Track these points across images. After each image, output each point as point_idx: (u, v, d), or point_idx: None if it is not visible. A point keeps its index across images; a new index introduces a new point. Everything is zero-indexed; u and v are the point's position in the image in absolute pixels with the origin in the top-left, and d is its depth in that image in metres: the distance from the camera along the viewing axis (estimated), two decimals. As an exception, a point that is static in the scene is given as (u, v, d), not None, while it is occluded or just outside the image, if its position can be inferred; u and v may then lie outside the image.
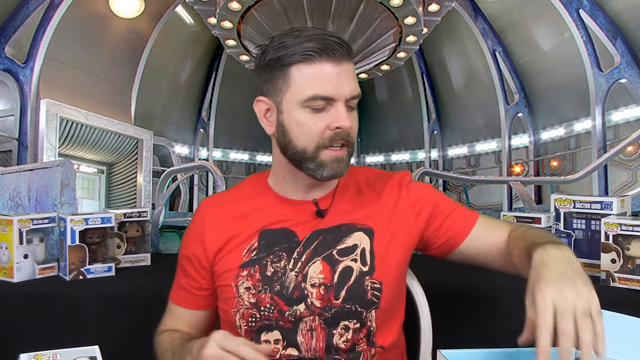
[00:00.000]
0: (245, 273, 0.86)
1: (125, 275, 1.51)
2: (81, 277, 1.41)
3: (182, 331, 0.92)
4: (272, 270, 0.85)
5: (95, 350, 0.66)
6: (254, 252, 0.87)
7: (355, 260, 0.86)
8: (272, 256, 0.86)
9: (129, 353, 1.05)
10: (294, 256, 0.86)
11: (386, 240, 0.89)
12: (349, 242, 0.87)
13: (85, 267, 1.42)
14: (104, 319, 1.25)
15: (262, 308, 0.84)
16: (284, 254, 0.86)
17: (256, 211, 0.91)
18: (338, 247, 0.86)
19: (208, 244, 0.90)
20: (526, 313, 0.63)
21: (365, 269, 0.86)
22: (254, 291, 0.85)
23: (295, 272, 0.85)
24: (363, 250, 0.87)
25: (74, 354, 0.65)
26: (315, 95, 0.81)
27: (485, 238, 0.91)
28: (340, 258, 0.86)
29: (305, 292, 0.84)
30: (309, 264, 0.85)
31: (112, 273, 1.47)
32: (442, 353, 0.56)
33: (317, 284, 0.84)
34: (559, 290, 0.61)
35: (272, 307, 0.84)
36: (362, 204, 0.92)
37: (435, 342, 0.96)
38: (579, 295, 0.61)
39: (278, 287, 0.84)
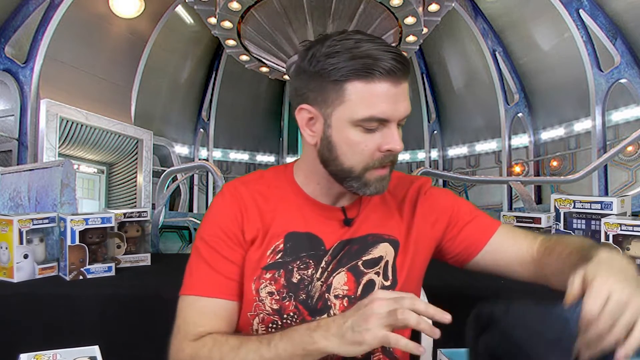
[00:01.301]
0: (268, 276, 0.82)
1: (125, 275, 1.51)
2: (81, 277, 1.41)
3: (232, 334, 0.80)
4: (299, 277, 0.82)
5: (95, 350, 0.66)
6: (279, 255, 0.83)
7: (378, 273, 0.84)
8: (298, 262, 0.83)
9: (129, 353, 1.05)
10: (321, 265, 0.83)
11: (408, 252, 0.87)
12: (375, 253, 0.85)
13: (85, 267, 1.41)
14: (104, 319, 1.25)
15: (285, 316, 0.81)
16: (311, 261, 0.83)
17: (283, 210, 0.86)
18: (364, 259, 0.84)
19: (246, 231, 0.83)
20: (570, 287, 0.62)
21: (387, 283, 0.84)
22: (277, 297, 0.81)
23: (321, 281, 0.83)
24: (386, 263, 0.85)
25: (74, 354, 0.65)
26: (372, 117, 0.75)
27: (504, 250, 0.88)
28: (365, 270, 0.84)
29: (329, 303, 0.82)
30: (334, 274, 0.83)
31: (112, 273, 1.47)
32: (443, 352, 0.56)
33: (340, 296, 0.82)
34: (621, 285, 0.58)
35: (296, 316, 0.81)
36: (387, 213, 0.89)
37: (436, 342, 0.96)
38: (636, 296, 0.58)
39: (303, 295, 0.82)
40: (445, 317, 0.64)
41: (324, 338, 0.67)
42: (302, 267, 0.83)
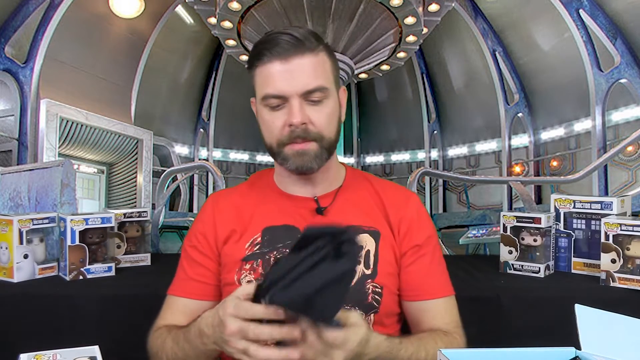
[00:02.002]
0: (248, 266, 0.87)
1: (125, 275, 1.51)
2: (81, 277, 1.41)
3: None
4: None
5: (95, 350, 0.66)
6: (257, 247, 0.88)
7: (359, 261, 0.86)
8: (275, 252, 0.87)
9: (129, 353, 1.05)
10: None
11: (391, 245, 0.88)
12: None
13: (85, 267, 1.41)
14: (104, 319, 1.25)
15: None
16: (287, 250, 0.87)
17: (260, 206, 0.92)
18: None
19: (218, 233, 0.91)
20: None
21: (368, 272, 0.85)
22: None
23: None
24: (368, 252, 0.86)
25: (74, 354, 0.65)
26: (267, 94, 0.83)
27: (429, 320, 0.88)
28: None
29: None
30: None
31: (112, 273, 1.47)
32: (443, 352, 0.56)
33: None
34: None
35: None
36: (367, 208, 0.92)
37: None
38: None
39: None
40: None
41: (211, 343, 0.72)
42: (278, 256, 0.87)
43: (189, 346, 0.77)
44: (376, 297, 0.85)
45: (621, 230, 1.20)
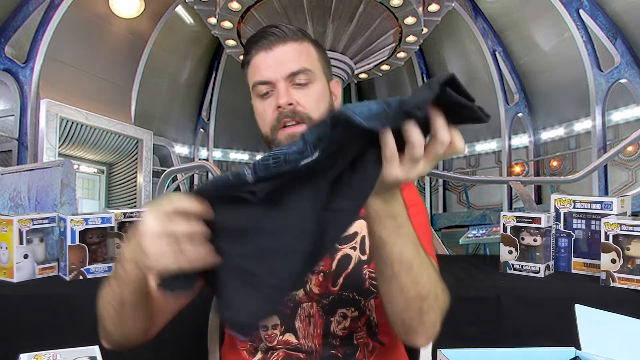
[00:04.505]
0: None
1: (125, 275, 1.51)
2: (81, 277, 1.41)
3: None
4: None
5: (95, 350, 0.66)
6: None
7: (354, 248, 0.86)
8: None
9: (128, 353, 1.05)
10: None
11: None
12: (349, 229, 0.85)
13: (85, 267, 1.41)
14: (104, 319, 1.25)
15: None
16: None
17: None
18: None
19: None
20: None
21: (364, 257, 0.86)
22: None
23: None
24: (363, 238, 0.87)
25: (74, 354, 0.65)
26: (254, 82, 0.88)
27: None
28: (339, 246, 0.86)
29: (305, 279, 0.84)
30: None
31: (112, 273, 1.47)
32: (443, 352, 0.56)
33: (316, 271, 0.85)
34: None
35: None
36: None
37: (436, 342, 0.96)
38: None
39: None
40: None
41: (128, 262, 0.66)
42: None
43: (114, 281, 0.69)
44: (373, 282, 0.85)
45: (621, 230, 1.20)
